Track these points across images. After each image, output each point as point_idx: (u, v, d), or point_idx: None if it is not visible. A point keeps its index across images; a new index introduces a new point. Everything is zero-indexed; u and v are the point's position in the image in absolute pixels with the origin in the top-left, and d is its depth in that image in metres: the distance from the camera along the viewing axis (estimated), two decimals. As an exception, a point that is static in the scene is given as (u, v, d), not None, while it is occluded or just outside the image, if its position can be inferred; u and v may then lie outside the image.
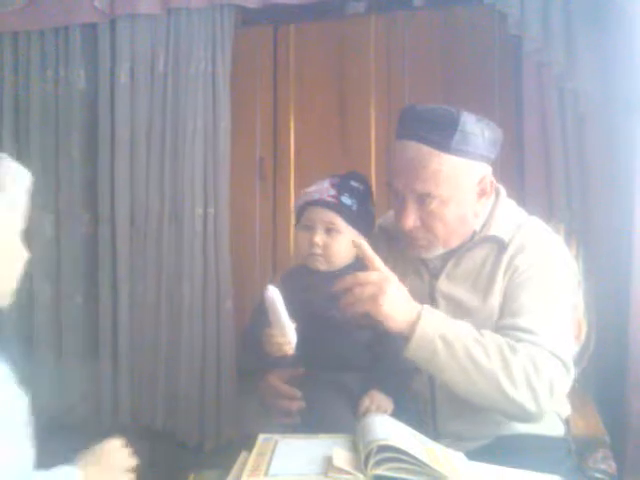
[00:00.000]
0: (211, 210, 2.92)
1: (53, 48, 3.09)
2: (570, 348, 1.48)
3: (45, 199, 3.08)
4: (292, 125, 2.93)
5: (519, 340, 1.41)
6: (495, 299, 1.50)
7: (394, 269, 1.62)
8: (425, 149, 1.45)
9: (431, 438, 1.29)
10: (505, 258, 1.52)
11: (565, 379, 1.42)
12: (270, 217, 2.96)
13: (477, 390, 1.37)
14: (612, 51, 2.32)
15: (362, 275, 1.38)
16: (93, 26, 3.04)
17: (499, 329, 1.46)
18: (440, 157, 1.45)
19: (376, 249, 1.62)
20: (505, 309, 1.49)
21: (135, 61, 2.99)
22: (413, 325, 1.37)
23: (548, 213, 1.65)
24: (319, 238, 1.50)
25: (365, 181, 1.60)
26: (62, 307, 3.08)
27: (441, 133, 1.45)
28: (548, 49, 2.42)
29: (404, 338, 1.38)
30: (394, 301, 1.37)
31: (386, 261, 1.65)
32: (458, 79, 2.68)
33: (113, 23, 3.01)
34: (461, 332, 1.39)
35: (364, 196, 1.57)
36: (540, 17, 2.42)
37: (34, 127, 3.10)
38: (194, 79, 2.91)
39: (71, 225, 3.08)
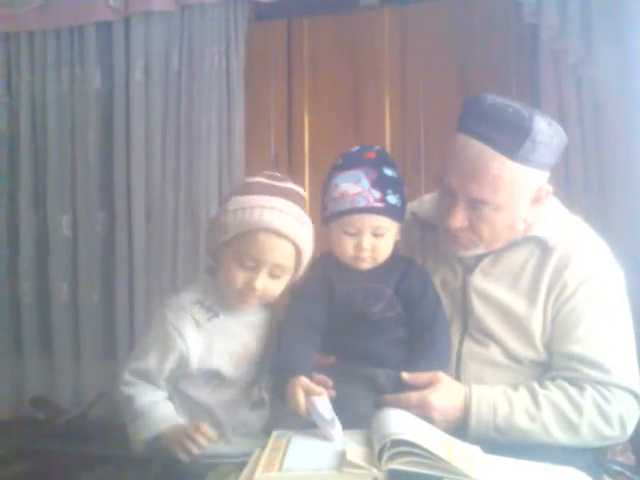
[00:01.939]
0: (227, 207, 2.91)
1: (68, 47, 3.10)
2: (637, 372, 1.44)
3: (62, 198, 3.11)
4: (306, 119, 2.92)
5: (586, 379, 1.39)
6: (539, 311, 1.46)
7: (425, 260, 1.60)
8: (489, 152, 1.36)
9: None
10: (550, 267, 1.47)
11: (636, 408, 1.41)
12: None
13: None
14: (629, 38, 2.29)
15: (404, 397, 1.37)
16: (108, 25, 3.05)
17: (560, 357, 1.43)
18: (504, 163, 1.36)
19: (408, 237, 1.58)
20: (560, 334, 1.44)
21: (149, 59, 3.00)
22: (465, 421, 1.38)
23: (566, 202, 1.61)
24: (368, 243, 1.44)
25: (393, 162, 1.50)
26: (79, 306, 3.10)
27: (510, 137, 1.35)
28: (565, 37, 2.39)
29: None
30: (443, 409, 1.37)
31: (416, 250, 1.62)
32: (474, 68, 2.66)
33: (127, 21, 3.01)
34: (514, 415, 1.37)
35: (400, 184, 1.48)
36: (556, 5, 2.40)
37: (51, 126, 3.11)
38: (208, 75, 2.92)
39: (87, 224, 3.09)
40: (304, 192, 1.47)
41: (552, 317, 1.45)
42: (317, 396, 1.30)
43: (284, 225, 1.37)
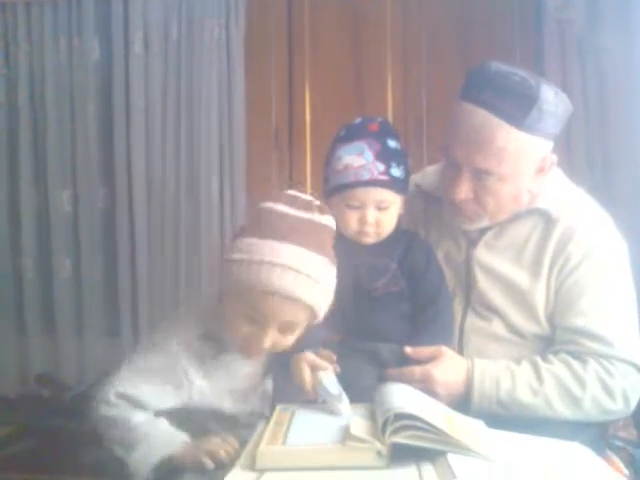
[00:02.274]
0: (227, 181, 2.92)
1: (66, 18, 3.05)
2: None
3: (62, 174, 3.09)
4: (307, 91, 2.89)
5: (589, 352, 1.39)
6: (542, 284, 1.45)
7: (428, 233, 1.59)
8: (494, 121, 1.34)
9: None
10: (554, 238, 1.45)
11: (639, 382, 1.41)
12: (286, 187, 2.93)
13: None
14: (635, 8, 2.26)
15: (407, 371, 1.37)
16: (106, -6, 3.01)
17: (563, 331, 1.43)
18: (509, 132, 1.34)
19: (411, 209, 1.56)
20: (563, 307, 1.43)
21: (148, 30, 2.97)
22: (468, 395, 1.38)
23: (568, 174, 1.60)
24: (371, 217, 1.42)
25: (397, 133, 1.47)
26: (82, 281, 3.10)
27: (516, 106, 1.33)
28: (570, 7, 2.36)
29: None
30: (446, 383, 1.37)
31: (420, 223, 1.60)
32: (477, 39, 2.63)
33: (126, -10, 2.98)
34: (517, 389, 1.37)
35: (404, 155, 1.46)
36: (561, -26, 2.37)
37: (50, 99, 3.08)
38: (208, 47, 2.90)
39: (88, 200, 3.09)
40: (333, 222, 1.29)
41: (555, 290, 1.44)
42: (323, 371, 1.28)
43: (296, 288, 1.20)
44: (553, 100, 1.36)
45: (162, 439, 1.27)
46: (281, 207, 1.25)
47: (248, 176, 2.90)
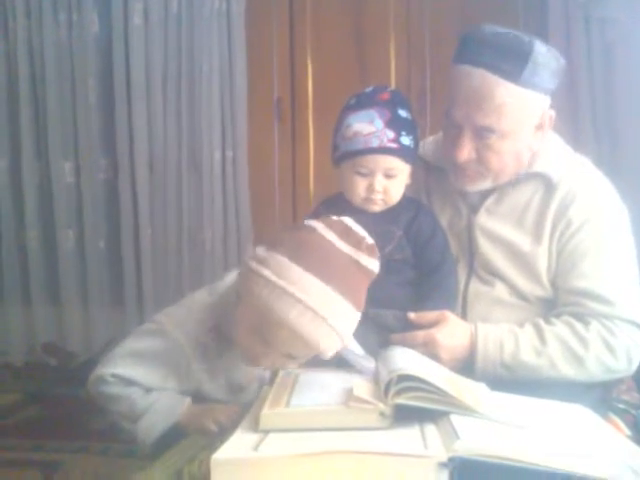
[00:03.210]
0: (229, 153, 2.91)
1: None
2: None
3: (64, 146, 3.08)
4: (310, 63, 2.87)
5: (590, 313, 1.40)
6: (544, 248, 1.46)
7: (430, 202, 1.59)
8: (491, 78, 1.35)
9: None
10: (554, 202, 1.46)
11: None
12: (289, 158, 2.93)
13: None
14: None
15: (410, 335, 1.38)
16: (104, -34, 2.99)
17: (566, 293, 1.44)
18: (507, 88, 1.36)
19: (414, 179, 1.55)
20: (565, 270, 1.45)
21: (148, 1, 2.94)
22: (472, 358, 1.39)
23: (574, 144, 1.59)
24: (379, 184, 1.42)
25: (407, 102, 1.48)
26: (85, 252, 3.12)
27: (512, 62, 1.35)
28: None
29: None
30: (449, 347, 1.38)
31: (422, 193, 1.60)
32: (481, 8, 2.60)
33: (124, -38, 2.95)
34: (521, 351, 1.38)
35: (414, 126, 1.46)
36: (566, -59, 2.34)
37: (50, 73, 3.07)
38: (208, 19, 2.89)
39: (91, 171, 3.09)
40: (377, 267, 1.20)
41: (557, 253, 1.46)
42: None
43: (311, 333, 1.12)
44: (546, 53, 1.37)
45: (167, 405, 1.28)
46: (331, 236, 1.15)
47: (250, 147, 2.90)
